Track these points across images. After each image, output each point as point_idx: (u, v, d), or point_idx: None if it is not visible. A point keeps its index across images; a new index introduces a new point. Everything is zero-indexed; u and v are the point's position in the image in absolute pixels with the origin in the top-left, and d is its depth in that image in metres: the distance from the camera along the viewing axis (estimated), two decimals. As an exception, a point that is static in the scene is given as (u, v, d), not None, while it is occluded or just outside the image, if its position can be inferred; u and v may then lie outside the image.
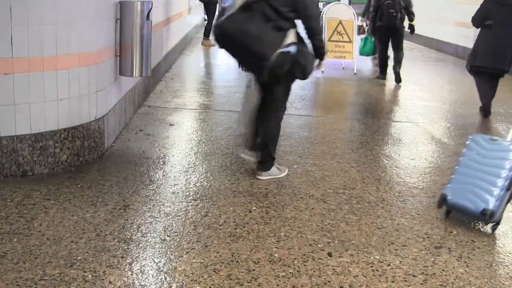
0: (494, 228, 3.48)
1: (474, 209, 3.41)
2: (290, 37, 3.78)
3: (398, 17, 8.45)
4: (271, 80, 3.87)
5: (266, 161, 4.12)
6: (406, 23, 8.90)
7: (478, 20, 6.58)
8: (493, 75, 6.59)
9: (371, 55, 9.98)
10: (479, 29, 6.63)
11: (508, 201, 3.48)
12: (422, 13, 13.80)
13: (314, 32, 3.93)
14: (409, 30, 8.96)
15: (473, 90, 7.05)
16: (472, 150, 3.67)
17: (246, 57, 3.89)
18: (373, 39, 9.49)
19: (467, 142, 3.76)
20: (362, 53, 9.70)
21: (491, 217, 3.36)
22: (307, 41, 3.97)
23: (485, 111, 6.67)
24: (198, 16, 15.17)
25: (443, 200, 3.58)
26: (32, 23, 3.64)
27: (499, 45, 6.34)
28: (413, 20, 8.82)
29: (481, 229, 3.52)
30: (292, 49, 3.75)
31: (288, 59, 3.72)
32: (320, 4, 14.38)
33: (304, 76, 3.92)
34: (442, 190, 3.70)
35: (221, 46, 3.93)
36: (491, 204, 3.36)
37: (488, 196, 3.39)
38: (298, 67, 3.82)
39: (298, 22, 3.91)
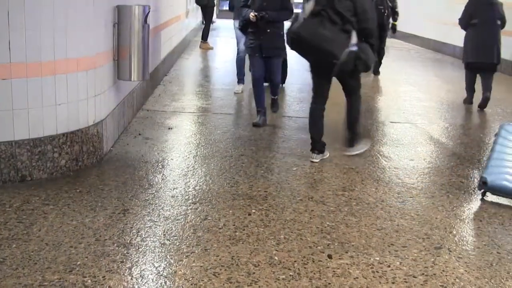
0: None
1: None
2: (354, 38, 4.34)
3: (386, 14, 9.00)
4: (339, 75, 4.50)
5: (353, 139, 4.81)
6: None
7: (465, 19, 7.11)
8: (485, 69, 7.02)
9: None
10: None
11: None
12: (420, 14, 13.87)
13: (370, 34, 4.45)
14: (391, 30, 9.47)
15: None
16: (504, 137, 4.06)
17: (318, 56, 4.42)
18: None
19: (498, 131, 4.16)
20: None
21: None
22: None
23: (469, 101, 7.26)
24: (196, 19, 15.19)
25: (483, 183, 3.90)
26: (30, 28, 3.64)
27: (485, 41, 6.86)
28: (397, 20, 9.44)
29: None
30: (355, 48, 4.31)
31: (352, 57, 4.29)
32: None
33: (366, 69, 4.47)
34: (481, 174, 4.02)
35: (294, 49, 4.49)
36: None
37: None
38: (360, 62, 4.34)
39: None
